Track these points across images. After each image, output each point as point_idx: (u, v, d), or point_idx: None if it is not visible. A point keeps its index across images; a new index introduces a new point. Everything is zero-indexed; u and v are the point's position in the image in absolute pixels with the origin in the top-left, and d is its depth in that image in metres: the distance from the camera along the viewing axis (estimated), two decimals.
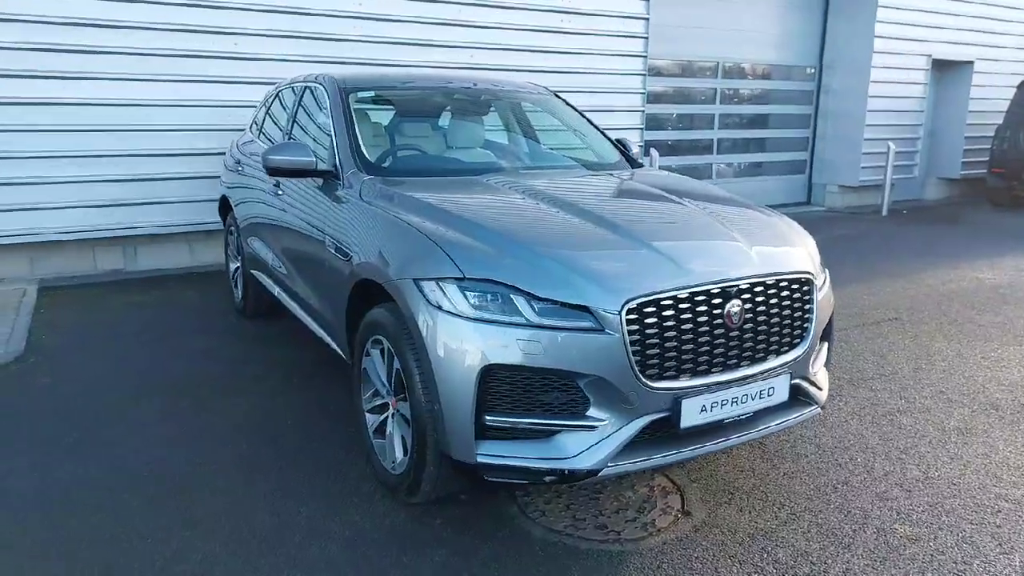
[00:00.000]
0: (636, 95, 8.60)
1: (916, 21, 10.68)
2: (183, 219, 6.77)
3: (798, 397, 2.92)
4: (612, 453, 2.49)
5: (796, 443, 3.50)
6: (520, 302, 2.48)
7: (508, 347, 2.45)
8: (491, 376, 2.48)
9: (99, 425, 3.63)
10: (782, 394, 2.80)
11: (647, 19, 8.48)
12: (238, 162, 5.07)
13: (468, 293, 2.53)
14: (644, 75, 8.61)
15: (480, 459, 2.52)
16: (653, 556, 2.64)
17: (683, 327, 2.54)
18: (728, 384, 2.63)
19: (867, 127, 10.60)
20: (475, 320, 2.49)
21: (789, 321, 2.82)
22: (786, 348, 2.83)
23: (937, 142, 11.93)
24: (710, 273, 2.62)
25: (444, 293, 2.55)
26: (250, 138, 5.19)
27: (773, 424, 2.83)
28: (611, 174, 3.90)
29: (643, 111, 8.69)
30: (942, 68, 11.50)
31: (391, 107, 4.15)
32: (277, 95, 5.05)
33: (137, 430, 3.58)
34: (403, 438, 2.87)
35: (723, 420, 2.66)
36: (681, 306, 2.54)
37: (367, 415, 3.14)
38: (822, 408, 3.05)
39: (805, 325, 2.89)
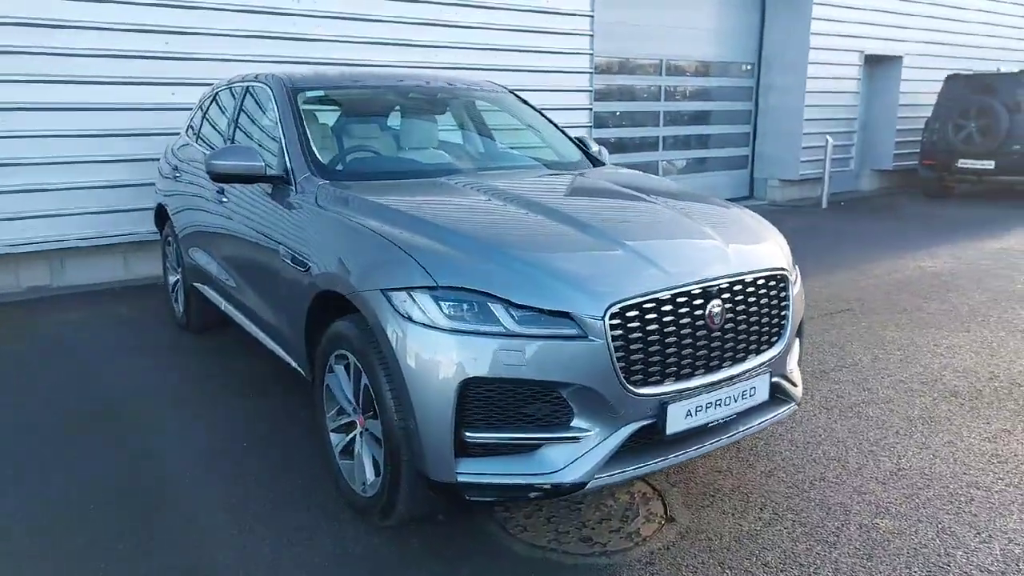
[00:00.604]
0: (583, 93, 8.57)
1: (849, 18, 10.96)
2: (116, 229, 6.41)
3: (776, 395, 2.88)
4: (599, 464, 2.39)
5: (769, 440, 3.47)
6: (498, 310, 2.36)
7: (488, 359, 2.32)
8: (470, 390, 2.35)
9: (41, 455, 3.35)
10: (763, 394, 2.76)
11: (592, 16, 8.44)
12: (175, 168, 4.79)
13: (442, 303, 2.39)
14: (591, 73, 8.58)
15: (460, 478, 2.39)
16: (641, 567, 2.56)
17: (666, 330, 2.46)
18: (712, 387, 2.56)
19: (805, 122, 10.83)
20: (451, 331, 2.35)
21: (767, 319, 2.77)
22: (765, 347, 2.78)
23: (869, 135, 12.30)
24: (690, 273, 2.55)
25: (416, 303, 2.41)
26: (186, 142, 4.92)
27: (754, 424, 2.78)
28: (574, 173, 3.81)
29: (591, 109, 8.66)
30: (873, 63, 11.84)
31: (341, 107, 3.97)
32: (214, 97, 4.80)
33: (85, 457, 3.32)
34: (373, 458, 2.72)
35: (708, 424, 2.59)
36: (664, 308, 2.46)
37: (332, 434, 2.97)
38: (798, 405, 3.03)
39: (782, 322, 2.85)
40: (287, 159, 3.37)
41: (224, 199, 3.84)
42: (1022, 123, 10.28)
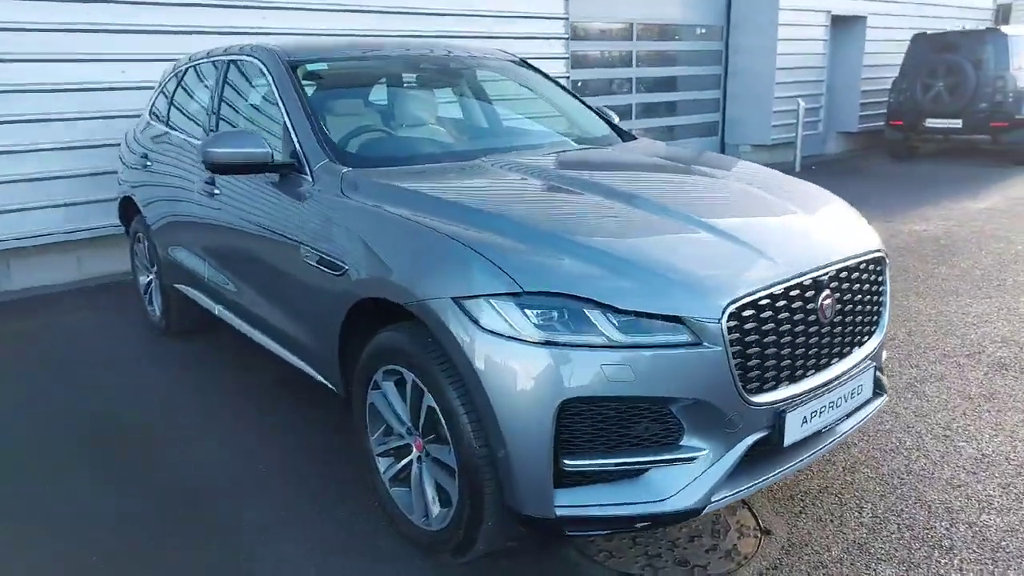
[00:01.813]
0: (560, 60, 8.16)
1: None
2: (67, 225, 5.78)
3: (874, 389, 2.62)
4: (716, 486, 2.09)
5: None
6: (597, 318, 2.01)
7: (589, 375, 1.98)
8: (569, 412, 2.01)
9: (41, 478, 2.88)
10: (868, 390, 2.51)
11: None
12: (144, 156, 4.25)
13: (529, 311, 2.03)
14: (567, 39, 8.18)
15: (559, 512, 2.06)
16: None
17: (781, 328, 2.16)
18: (825, 387, 2.28)
19: (776, 85, 10.64)
20: (544, 344, 2.00)
21: (868, 307, 2.50)
22: (865, 338, 2.51)
23: (835, 97, 12.21)
24: (800, 261, 2.25)
25: (498, 313, 2.04)
26: (153, 126, 4.37)
27: (857, 421, 2.52)
28: (614, 148, 3.45)
29: (568, 77, 8.26)
30: (837, 23, 11.70)
31: (346, 83, 3.50)
32: (182, 74, 4.27)
33: (73, 495, 2.86)
34: (439, 487, 2.36)
35: (822, 429, 2.32)
36: (778, 304, 2.15)
37: (379, 459, 2.60)
38: (888, 395, 2.78)
39: (880, 310, 2.59)
40: (297, 144, 2.92)
41: (216, 191, 3.35)
42: (988, 81, 10.31)
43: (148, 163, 4.18)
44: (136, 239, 4.62)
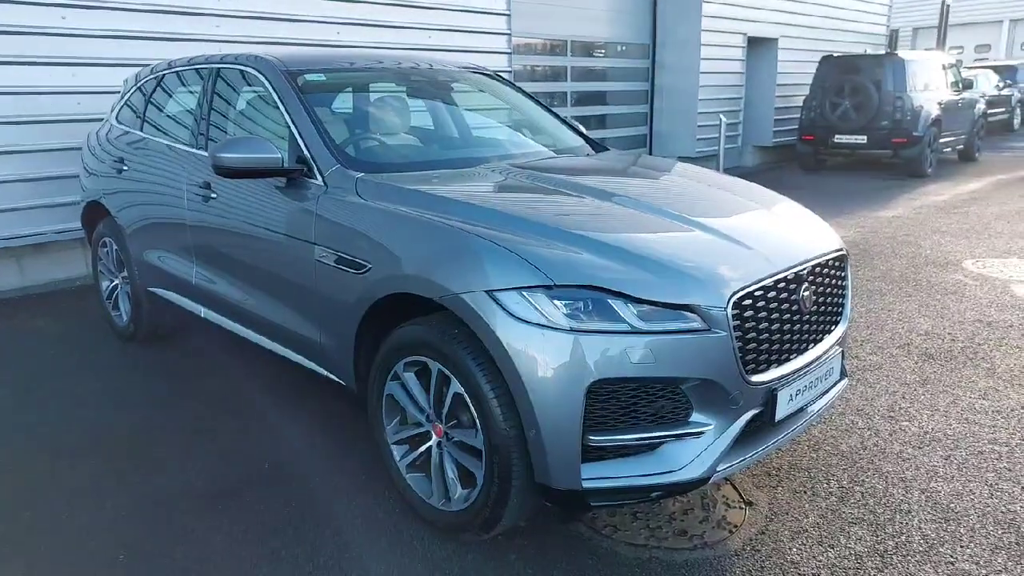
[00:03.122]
0: (504, 74, 8.41)
1: (733, 1, 11.48)
2: (8, 231, 5.60)
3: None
4: (721, 457, 2.35)
5: None
6: (620, 307, 2.24)
7: (615, 359, 2.21)
8: (595, 392, 2.23)
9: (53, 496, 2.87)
10: (837, 371, 2.83)
11: None
12: (120, 160, 4.21)
13: (559, 302, 2.24)
14: (510, 53, 8.44)
15: (586, 484, 2.27)
16: (749, 557, 2.55)
17: (772, 316, 2.45)
18: (806, 369, 2.59)
19: (699, 101, 11.25)
20: (574, 332, 2.21)
21: (835, 299, 2.84)
22: (833, 326, 2.84)
23: (750, 113, 12.98)
24: (785, 257, 2.56)
25: (531, 304, 2.24)
26: (126, 131, 4.34)
27: (828, 400, 2.83)
28: (597, 157, 3.71)
29: None
30: (753, 45, 12.47)
31: (343, 92, 3.62)
32: (156, 82, 4.27)
33: (70, 509, 2.87)
34: (458, 469, 2.54)
35: (804, 406, 2.62)
36: (769, 295, 2.45)
37: (394, 447, 2.75)
38: (848, 378, 3.13)
39: (844, 301, 2.93)
40: (306, 151, 3.03)
41: (213, 195, 3.41)
42: (889, 101, 11.23)
43: (124, 168, 4.16)
44: (101, 244, 4.56)
